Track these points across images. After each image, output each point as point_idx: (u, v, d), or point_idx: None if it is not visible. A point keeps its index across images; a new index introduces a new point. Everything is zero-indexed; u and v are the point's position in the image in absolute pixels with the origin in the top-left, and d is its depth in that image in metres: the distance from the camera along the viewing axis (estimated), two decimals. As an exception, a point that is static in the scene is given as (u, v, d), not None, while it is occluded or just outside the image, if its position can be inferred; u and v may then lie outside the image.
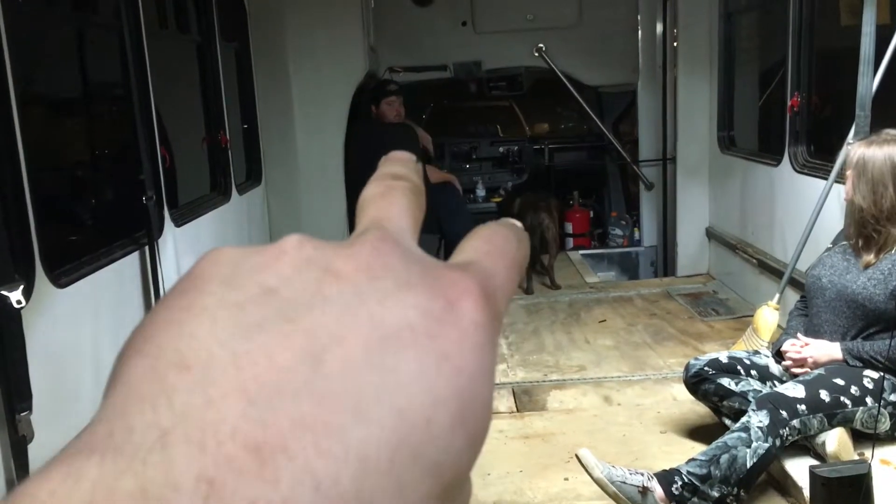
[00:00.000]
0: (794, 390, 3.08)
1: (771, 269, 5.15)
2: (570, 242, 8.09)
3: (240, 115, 5.90)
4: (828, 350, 3.22)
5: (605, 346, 5.11)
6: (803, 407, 3.03)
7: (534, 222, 6.40)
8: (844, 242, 3.43)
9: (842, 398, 3.07)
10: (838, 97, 4.99)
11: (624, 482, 2.89)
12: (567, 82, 7.52)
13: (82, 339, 3.20)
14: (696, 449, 3.32)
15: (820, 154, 4.67)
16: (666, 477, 2.93)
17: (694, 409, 3.88)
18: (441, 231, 7.21)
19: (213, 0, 5.14)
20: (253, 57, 6.07)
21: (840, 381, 3.10)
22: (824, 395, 3.07)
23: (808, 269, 3.58)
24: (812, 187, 4.48)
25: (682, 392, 4.01)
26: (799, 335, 3.37)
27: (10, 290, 2.51)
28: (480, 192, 8.39)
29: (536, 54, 7.44)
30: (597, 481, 2.90)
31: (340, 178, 6.48)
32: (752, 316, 4.77)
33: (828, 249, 3.54)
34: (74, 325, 3.13)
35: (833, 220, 4.10)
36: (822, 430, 3.08)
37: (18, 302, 2.52)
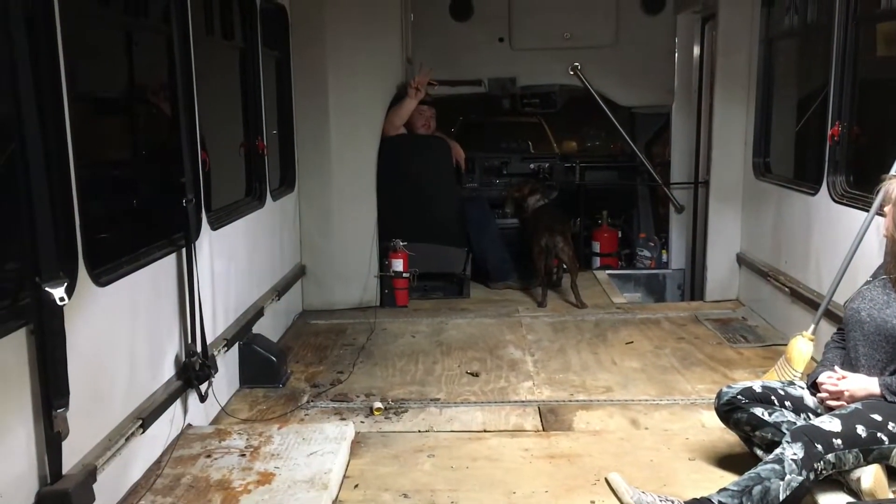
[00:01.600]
0: (831, 424, 3.04)
1: (804, 299, 5.09)
2: (598, 262, 8.07)
3: (277, 121, 5.94)
4: (865, 384, 3.18)
5: (632, 368, 5.08)
6: (839, 441, 2.99)
7: (549, 244, 6.48)
8: (885, 276, 3.39)
9: (879, 434, 3.02)
10: (880, 128, 4.94)
11: (654, 509, 2.86)
12: (601, 101, 7.51)
13: (119, 337, 3.23)
14: (726, 478, 3.29)
15: (859, 185, 4.62)
16: (696, 505, 2.90)
17: (723, 437, 3.83)
18: (469, 245, 7.23)
19: (258, 8, 5.20)
20: (292, 65, 6.12)
21: (877, 417, 3.05)
22: (861, 430, 3.02)
23: (846, 301, 3.53)
24: (851, 218, 4.43)
25: (711, 419, 3.98)
26: (836, 368, 3.32)
27: (54, 287, 2.54)
28: (509, 208, 8.36)
29: (571, 73, 7.46)
30: (626, 506, 2.88)
31: (372, 187, 6.51)
32: (783, 344, 4.73)
33: (867, 283, 3.50)
34: (112, 324, 3.16)
35: (872, 252, 4.05)
36: (857, 466, 3.03)
37: (62, 299, 2.55)
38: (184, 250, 3.79)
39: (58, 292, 2.54)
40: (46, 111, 2.63)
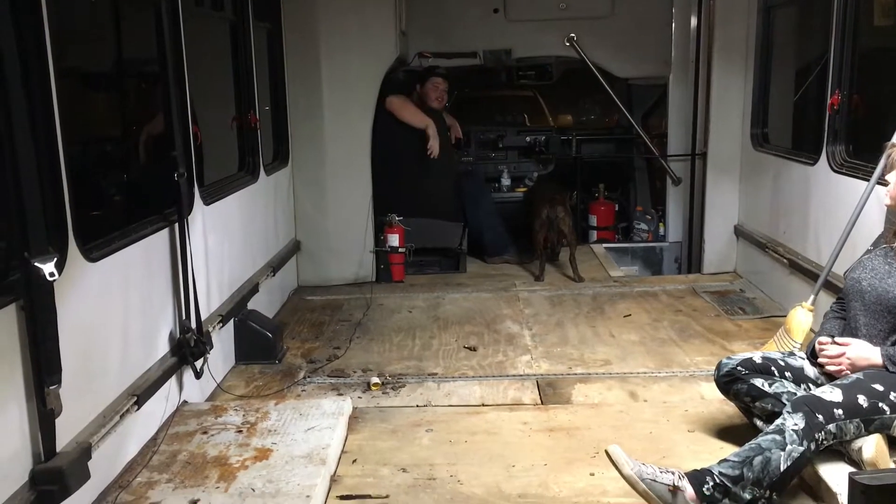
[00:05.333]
0: (832, 394, 3.01)
1: (803, 270, 5.06)
2: (594, 235, 8.03)
3: (269, 95, 5.86)
4: (868, 354, 3.15)
5: (630, 340, 5.06)
6: (840, 411, 2.96)
7: (550, 215, 6.45)
8: (885, 246, 3.36)
9: (880, 404, 3.00)
10: (879, 96, 4.88)
11: (654, 480, 2.84)
12: (597, 73, 7.43)
13: (111, 313, 3.19)
14: (726, 449, 3.27)
15: (859, 154, 4.58)
16: (697, 477, 2.88)
17: (723, 408, 3.82)
18: (465, 219, 7.19)
19: (248, -22, 5.10)
20: (284, 38, 6.03)
21: (879, 387, 3.03)
22: (862, 400, 3.00)
23: (846, 271, 3.50)
24: (850, 188, 4.39)
25: (710, 390, 3.97)
26: (836, 338, 3.29)
27: (44, 263, 2.49)
28: (506, 182, 8.32)
29: (567, 44, 7.36)
30: (626, 478, 2.85)
31: (367, 160, 6.44)
32: (781, 316, 4.71)
33: (868, 252, 3.47)
34: (104, 300, 3.11)
35: (872, 222, 4.02)
36: (858, 436, 3.01)
37: (51, 274, 2.51)
38: (176, 225, 3.73)
39: (47, 267, 2.49)
40: (32, 85, 2.56)
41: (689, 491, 2.83)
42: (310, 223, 6.43)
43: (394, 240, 6.49)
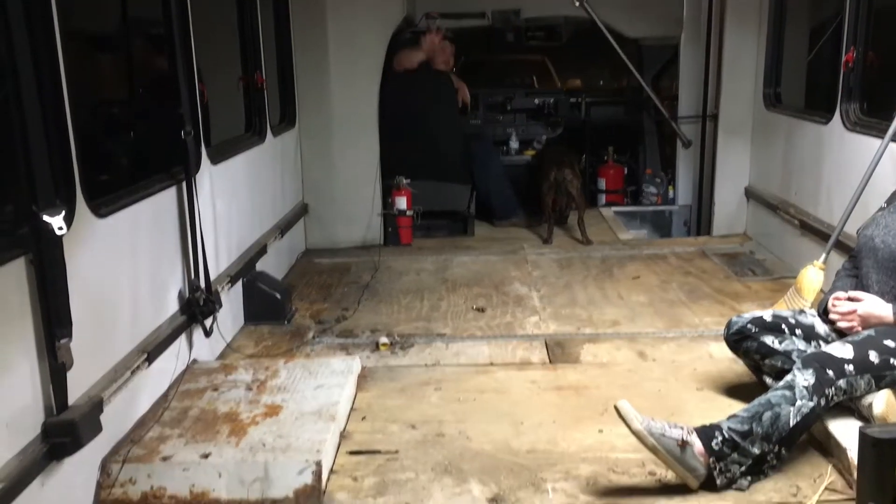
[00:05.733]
0: (842, 350, 3.00)
1: (814, 231, 5.03)
2: (603, 199, 7.99)
3: (276, 55, 5.81)
4: (879, 310, 3.13)
5: (638, 302, 5.04)
6: (851, 367, 2.95)
7: (558, 177, 6.42)
8: (899, 202, 3.32)
9: (891, 360, 2.99)
10: (895, 53, 4.81)
11: (663, 435, 2.83)
12: (607, 33, 7.33)
13: (121, 270, 3.19)
14: (734, 407, 3.27)
15: (873, 112, 4.51)
16: (706, 432, 2.88)
17: (731, 367, 3.82)
18: (473, 182, 7.16)
19: (253, -65, 5.03)
20: (290, -4, 5.97)
21: (890, 343, 3.01)
22: (873, 356, 2.99)
23: (859, 228, 3.47)
24: (864, 146, 4.34)
25: (718, 350, 3.96)
26: (852, 293, 3.27)
27: (52, 216, 2.49)
28: (514, 145, 8.26)
29: (577, 4, 7.24)
30: (635, 433, 2.85)
31: (374, 122, 6.40)
32: (791, 278, 4.68)
33: (881, 209, 3.43)
34: (113, 256, 3.11)
35: (885, 180, 3.97)
36: (868, 392, 3.00)
37: (60, 228, 2.50)
38: (184, 184, 3.72)
39: (56, 221, 2.49)
40: (38, 42, 2.54)
41: (698, 445, 2.84)
42: (317, 186, 6.41)
43: (402, 203, 6.47)
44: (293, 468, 2.89)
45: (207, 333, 3.88)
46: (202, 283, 3.82)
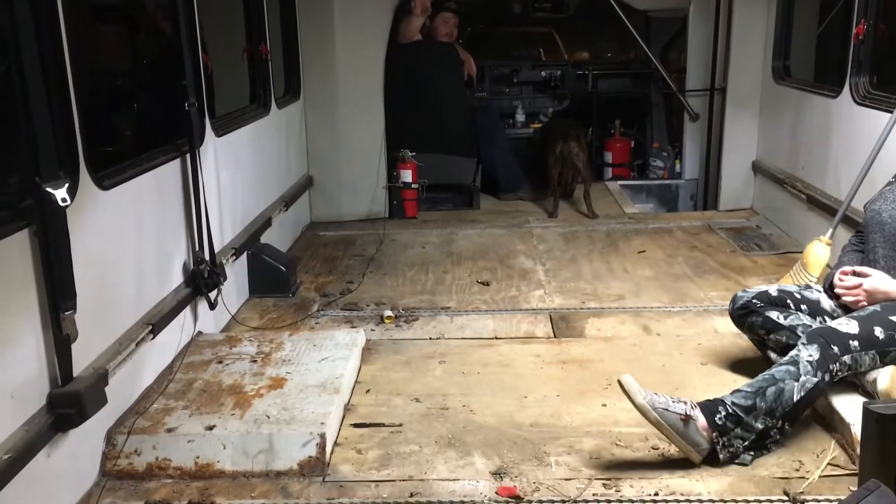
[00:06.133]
0: (848, 326, 2.99)
1: (821, 205, 5.00)
2: (609, 172, 7.94)
3: (280, 26, 5.76)
4: (886, 286, 3.11)
5: (644, 276, 5.03)
6: (856, 343, 2.95)
7: (564, 150, 6.39)
8: (908, 177, 3.29)
9: (896, 336, 2.98)
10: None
11: (666, 409, 2.83)
12: (615, 5, 7.24)
13: (125, 242, 3.19)
14: (738, 381, 3.26)
15: (883, 86, 4.46)
16: (709, 406, 2.88)
17: (736, 342, 3.81)
18: (479, 155, 7.12)
19: None
20: (295, -34, 5.91)
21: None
22: (878, 332, 2.98)
23: (867, 203, 3.44)
24: (873, 120, 4.30)
25: (723, 324, 3.96)
26: (858, 268, 3.25)
27: (56, 188, 2.48)
28: (520, 118, 8.20)
29: (585, -26, 7.17)
30: (638, 407, 2.85)
31: (379, 94, 6.37)
32: (798, 252, 4.66)
33: (889, 184, 3.41)
34: (117, 228, 3.11)
35: (894, 155, 3.94)
36: (873, 368, 3.00)
37: (63, 200, 2.49)
38: (188, 156, 3.70)
39: (59, 193, 2.48)
40: (40, 12, 2.51)
41: (701, 420, 2.84)
42: (322, 158, 6.39)
43: (407, 175, 6.45)
44: (297, 440, 2.91)
45: (212, 306, 3.89)
46: (207, 256, 3.82)
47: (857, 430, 2.73)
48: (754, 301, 3.41)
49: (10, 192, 2.69)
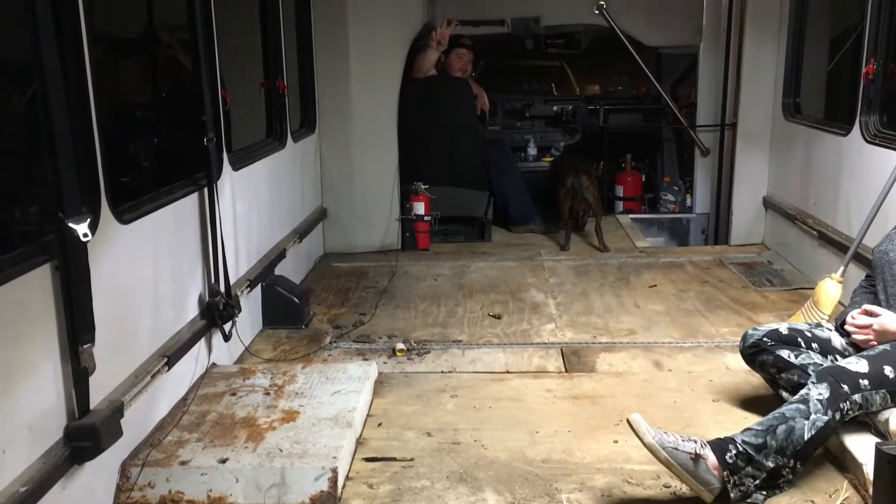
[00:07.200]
0: (857, 365, 3.00)
1: (832, 242, 5.01)
2: (621, 206, 7.98)
3: (297, 62, 5.86)
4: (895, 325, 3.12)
5: (655, 311, 5.05)
6: (866, 382, 2.95)
7: (575, 184, 6.44)
8: (918, 217, 3.31)
9: (908, 376, 2.98)
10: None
11: (676, 448, 2.84)
12: (626, 42, 7.33)
13: (143, 275, 3.24)
14: (750, 419, 3.27)
15: (893, 125, 4.50)
16: (720, 445, 2.88)
17: (748, 379, 3.82)
18: (491, 188, 7.18)
19: (276, -58, 5.08)
20: (312, 3, 6.01)
21: (907, 359, 3.01)
22: (889, 371, 2.98)
23: (875, 246, 3.46)
24: (883, 159, 4.33)
25: (735, 361, 3.96)
26: (865, 306, 3.26)
27: (78, 223, 2.53)
28: (532, 151, 8.28)
29: (597, 12, 7.26)
30: (648, 447, 2.85)
31: (393, 128, 6.45)
32: (809, 288, 4.67)
33: (896, 226, 3.42)
34: (135, 262, 3.16)
35: (905, 193, 3.96)
36: (884, 407, 3.00)
37: (85, 235, 2.54)
38: (206, 190, 3.76)
39: (81, 228, 2.53)
40: (66, 48, 2.59)
41: (712, 459, 2.84)
42: (336, 190, 6.46)
43: (419, 208, 6.51)
44: (309, 474, 2.93)
45: (226, 337, 3.93)
46: (222, 288, 3.87)
47: (869, 470, 2.74)
48: (765, 339, 3.41)
49: (32, 227, 2.74)
